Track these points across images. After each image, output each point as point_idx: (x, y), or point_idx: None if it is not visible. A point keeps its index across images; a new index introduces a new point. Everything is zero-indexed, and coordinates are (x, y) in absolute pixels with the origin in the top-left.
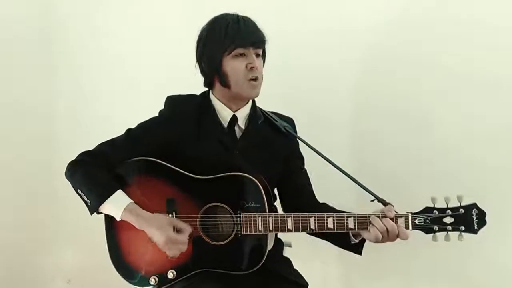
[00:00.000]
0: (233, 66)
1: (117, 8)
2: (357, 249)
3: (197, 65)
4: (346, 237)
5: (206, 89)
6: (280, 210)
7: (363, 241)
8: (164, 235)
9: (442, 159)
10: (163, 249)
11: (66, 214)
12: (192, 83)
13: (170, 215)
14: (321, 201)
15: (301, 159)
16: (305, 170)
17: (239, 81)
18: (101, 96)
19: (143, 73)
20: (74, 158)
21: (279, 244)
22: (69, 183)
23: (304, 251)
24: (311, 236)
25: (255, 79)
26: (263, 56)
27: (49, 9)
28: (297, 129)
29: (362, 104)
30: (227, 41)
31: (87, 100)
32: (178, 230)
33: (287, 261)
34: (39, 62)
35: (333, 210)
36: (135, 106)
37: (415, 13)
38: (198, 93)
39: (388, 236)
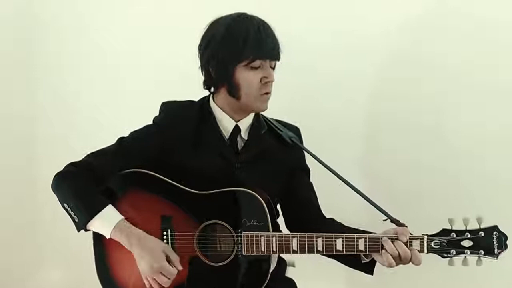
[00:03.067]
0: (247, 78)
1: (104, 7)
2: (368, 268)
3: (200, 68)
4: (356, 256)
5: (205, 93)
6: (282, 226)
7: (374, 260)
8: (156, 262)
9: (461, 178)
10: (150, 275)
11: (52, 231)
12: (189, 87)
13: (164, 233)
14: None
15: (307, 171)
16: (311, 184)
17: (251, 94)
18: (89, 102)
19: (135, 76)
20: (60, 169)
21: (281, 264)
22: (55, 197)
23: (309, 271)
24: (316, 255)
25: (267, 93)
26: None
27: (28, 6)
28: (305, 139)
29: (376, 116)
30: (246, 52)
31: (72, 107)
32: (168, 262)
33: (291, 282)
34: (17, 63)
35: (340, 226)
36: (126, 112)
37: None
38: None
39: (400, 261)
